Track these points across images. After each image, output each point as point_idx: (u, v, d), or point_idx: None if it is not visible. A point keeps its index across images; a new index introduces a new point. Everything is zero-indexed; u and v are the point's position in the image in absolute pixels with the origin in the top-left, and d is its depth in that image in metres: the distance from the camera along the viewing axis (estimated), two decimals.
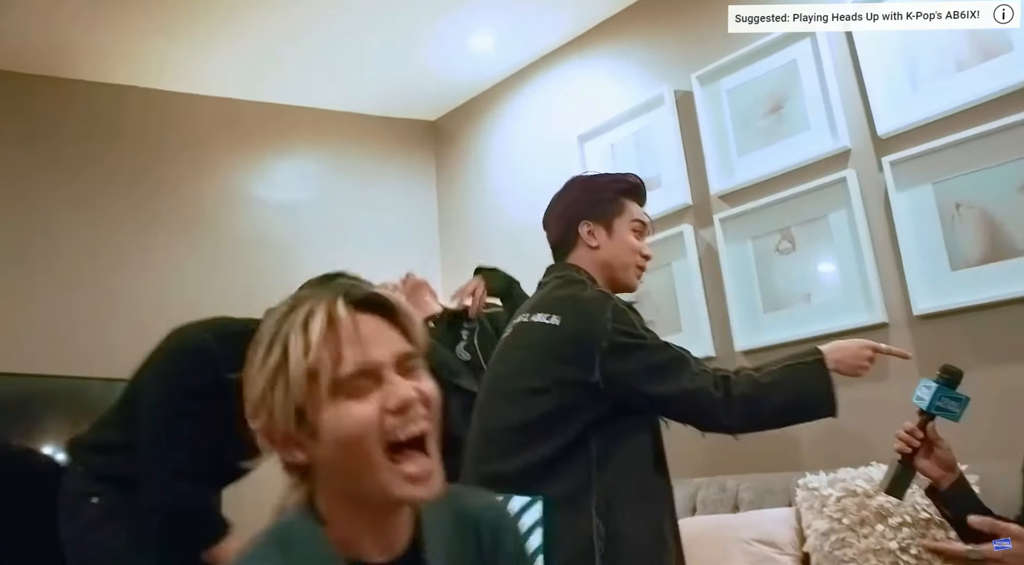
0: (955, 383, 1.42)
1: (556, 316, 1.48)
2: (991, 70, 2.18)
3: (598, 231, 1.61)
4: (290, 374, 0.76)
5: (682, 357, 1.46)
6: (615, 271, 1.61)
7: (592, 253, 1.61)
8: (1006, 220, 2.13)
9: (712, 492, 2.47)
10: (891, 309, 2.34)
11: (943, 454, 1.47)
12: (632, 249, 1.62)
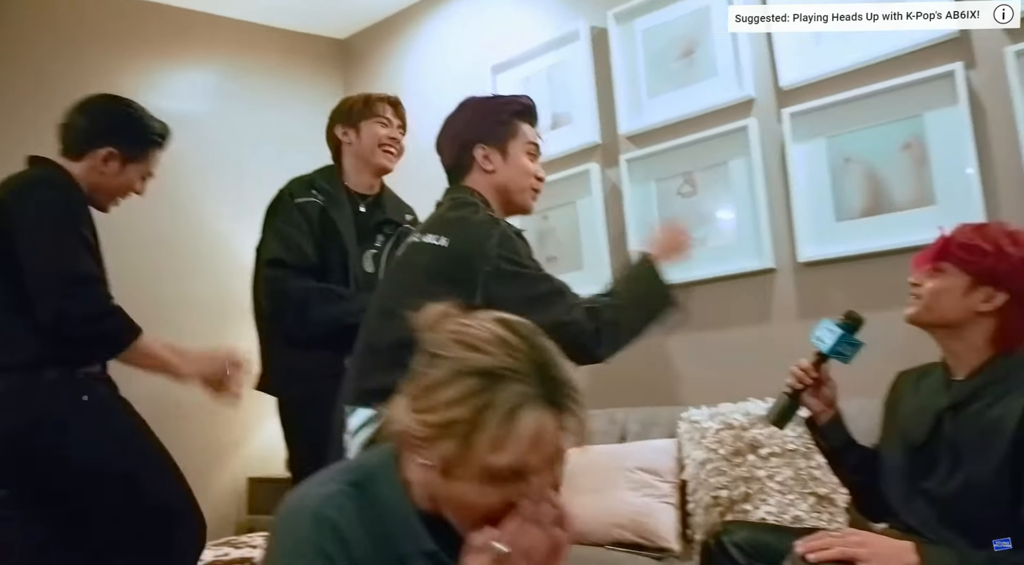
0: (857, 329, 1.52)
1: (445, 238, 1.50)
2: (886, 32, 2.26)
3: (493, 155, 1.61)
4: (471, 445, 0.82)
5: (561, 290, 1.51)
6: (511, 195, 1.64)
7: (487, 177, 1.62)
8: (888, 177, 2.26)
9: (602, 423, 2.58)
10: (779, 255, 2.46)
11: (829, 392, 1.58)
12: (527, 172, 1.64)
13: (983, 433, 1.33)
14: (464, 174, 1.64)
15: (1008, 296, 1.36)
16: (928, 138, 2.19)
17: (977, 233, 1.40)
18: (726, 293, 2.57)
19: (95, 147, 1.79)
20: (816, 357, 1.55)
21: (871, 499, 1.57)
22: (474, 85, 3.25)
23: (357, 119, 2.15)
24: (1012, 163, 2.05)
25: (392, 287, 1.59)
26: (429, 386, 0.86)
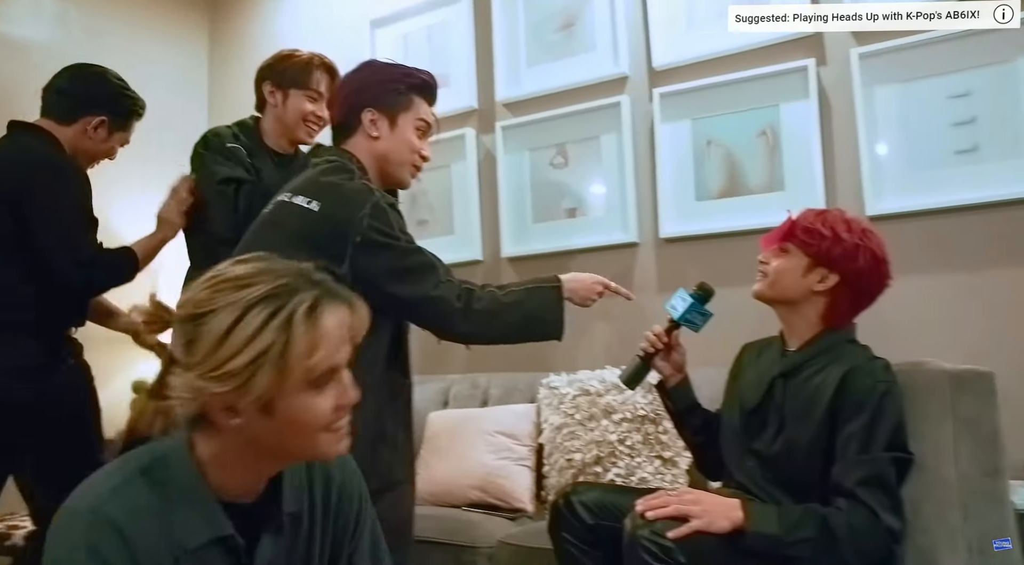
0: (706, 299, 1.62)
1: (316, 202, 1.46)
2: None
3: (381, 122, 1.58)
4: (287, 362, 0.83)
5: (431, 264, 1.51)
6: (390, 166, 1.61)
7: (371, 143, 1.59)
8: (744, 161, 2.39)
9: (465, 388, 2.61)
10: (642, 231, 2.56)
11: (678, 358, 1.69)
12: (411, 148, 1.61)
13: (805, 400, 1.46)
14: (349, 135, 1.60)
15: (839, 277, 1.49)
16: (781, 127, 2.33)
17: (819, 218, 1.52)
18: (592, 264, 2.63)
19: (88, 114, 1.91)
20: (668, 324, 1.64)
21: (710, 460, 1.69)
22: (351, 39, 3.14)
23: (288, 85, 2.02)
24: (850, 155, 2.22)
25: (253, 245, 1.50)
26: (216, 339, 0.83)
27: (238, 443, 0.89)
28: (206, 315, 0.84)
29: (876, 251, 1.49)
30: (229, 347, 0.83)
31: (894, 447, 1.36)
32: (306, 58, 2.07)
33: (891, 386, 1.39)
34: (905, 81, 2.16)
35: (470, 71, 2.89)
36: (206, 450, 0.90)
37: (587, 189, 2.68)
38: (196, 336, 0.85)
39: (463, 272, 2.83)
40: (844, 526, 1.30)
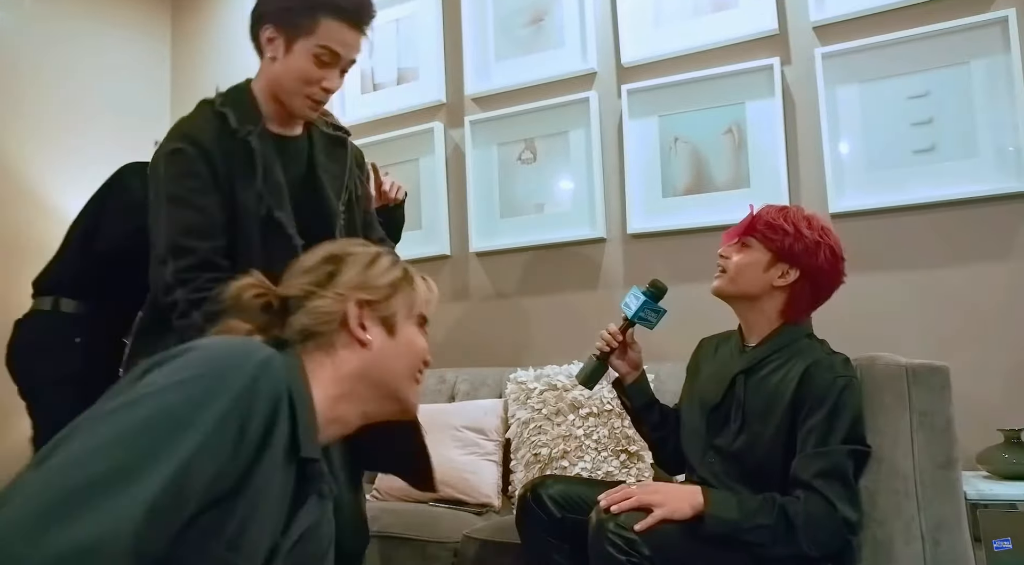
0: (659, 297, 1.63)
1: None
2: (718, 22, 2.41)
3: (278, 42, 1.41)
4: (413, 293, 1.05)
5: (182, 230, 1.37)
6: (281, 94, 1.44)
7: (270, 66, 1.44)
8: (710, 158, 2.42)
9: (432, 383, 2.60)
10: (610, 226, 2.57)
11: (634, 355, 1.70)
12: (304, 77, 1.41)
13: (767, 396, 1.48)
14: (258, 52, 1.47)
15: (800, 273, 1.51)
16: (747, 125, 2.36)
17: (781, 214, 1.54)
18: (558, 259, 2.66)
19: None
20: (623, 322, 1.65)
21: (669, 454, 1.71)
22: None
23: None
24: (814, 153, 2.26)
25: None
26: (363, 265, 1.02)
27: (351, 369, 0.98)
28: (345, 257, 1.02)
29: (835, 248, 1.53)
30: (377, 269, 1.02)
31: (852, 440, 1.39)
32: None
33: (851, 380, 1.42)
34: (866, 81, 2.20)
35: (438, 65, 2.87)
36: (315, 376, 0.96)
37: (555, 184, 2.69)
38: (338, 269, 1.01)
39: (432, 267, 2.83)
40: (801, 515, 1.33)
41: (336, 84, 1.45)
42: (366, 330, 0.99)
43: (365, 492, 1.68)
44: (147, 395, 0.74)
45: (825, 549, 1.35)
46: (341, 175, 1.55)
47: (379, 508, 2.16)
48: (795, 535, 1.32)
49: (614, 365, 1.69)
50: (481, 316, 2.80)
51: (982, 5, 2.07)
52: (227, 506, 0.78)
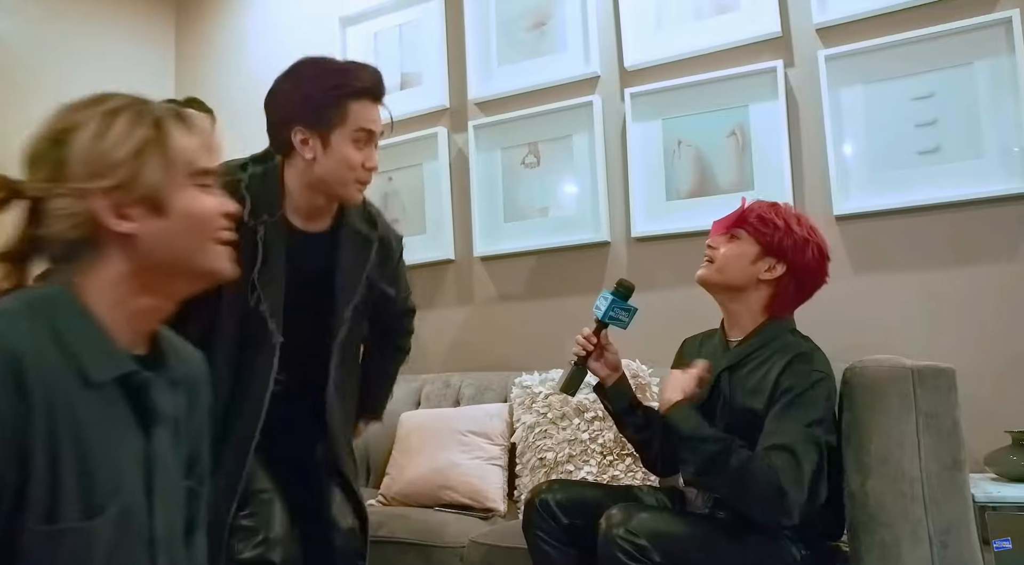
0: (627, 296, 1.62)
1: None
2: (720, 25, 2.41)
3: (313, 141, 1.42)
4: (169, 152, 0.86)
5: None
6: (331, 188, 1.46)
7: (306, 164, 1.44)
8: (714, 161, 2.42)
9: (437, 387, 2.60)
10: (614, 230, 2.57)
11: (611, 357, 1.69)
12: (350, 165, 1.44)
13: (750, 390, 1.49)
14: (284, 153, 1.48)
15: (786, 268, 1.52)
16: (751, 128, 2.36)
17: (772, 209, 1.56)
18: (563, 263, 2.66)
19: None
20: (596, 324, 1.64)
21: (655, 456, 1.70)
22: (321, 37, 3.12)
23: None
24: (818, 155, 2.26)
25: None
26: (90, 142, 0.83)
27: (130, 266, 0.86)
28: (69, 132, 0.83)
29: (822, 247, 1.55)
30: (108, 142, 0.83)
31: (815, 431, 1.38)
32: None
33: (824, 377, 1.43)
34: (870, 82, 2.20)
35: (442, 70, 2.88)
36: (93, 288, 0.86)
37: (559, 188, 2.69)
38: (65, 155, 0.83)
39: (436, 271, 2.84)
40: (743, 463, 1.34)
41: (376, 160, 1.48)
42: (128, 219, 0.84)
43: (364, 497, 1.68)
44: None
45: (745, 505, 1.36)
46: (359, 274, 1.55)
47: (385, 513, 2.16)
48: (724, 474, 1.35)
49: (593, 369, 1.68)
50: (485, 320, 2.80)
51: (986, 6, 2.07)
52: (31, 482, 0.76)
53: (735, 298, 1.56)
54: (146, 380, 0.88)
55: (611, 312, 1.61)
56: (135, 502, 0.86)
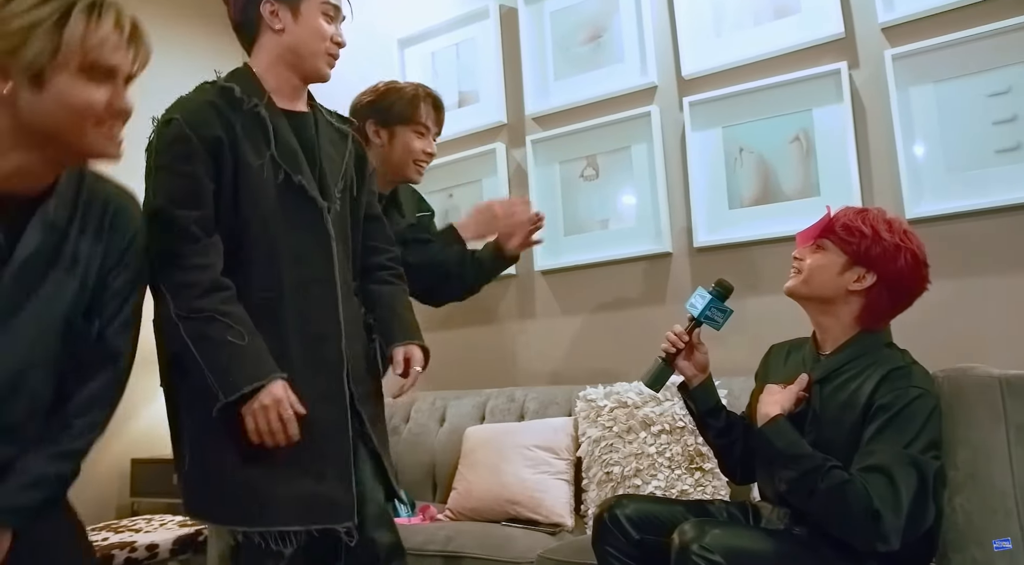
0: (726, 296, 1.60)
1: None
2: (780, 29, 2.37)
3: (283, 12, 1.47)
4: (62, 36, 0.95)
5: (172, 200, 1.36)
6: (302, 59, 1.50)
7: (275, 38, 1.48)
8: (777, 167, 2.37)
9: (501, 402, 2.61)
10: (675, 240, 2.54)
11: (701, 357, 1.66)
12: (321, 34, 1.49)
13: (842, 405, 1.43)
14: (253, 35, 1.50)
15: (877, 277, 1.46)
16: (815, 132, 2.30)
17: (859, 216, 1.50)
18: (625, 275, 2.64)
19: None
20: (689, 322, 1.62)
21: (735, 462, 1.67)
22: (380, 58, 3.19)
23: (395, 121, 1.96)
24: (887, 158, 2.19)
25: None
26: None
27: (12, 119, 1.01)
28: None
29: (916, 253, 1.46)
30: (8, 11, 0.95)
31: (913, 451, 1.31)
32: (411, 91, 1.98)
33: (924, 394, 1.36)
34: (941, 81, 2.12)
35: (499, 86, 2.91)
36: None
37: (619, 200, 2.67)
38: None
39: (498, 286, 2.85)
40: (835, 483, 1.30)
41: (344, 38, 1.54)
42: (6, 81, 0.98)
43: (411, 505, 1.66)
44: None
45: (839, 528, 1.31)
46: (340, 162, 1.55)
47: (452, 528, 2.17)
48: (817, 494, 1.32)
49: (680, 367, 1.66)
50: (548, 334, 2.80)
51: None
52: None
53: (825, 310, 1.51)
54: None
55: (707, 311, 1.59)
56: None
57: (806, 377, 1.49)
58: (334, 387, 1.44)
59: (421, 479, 2.62)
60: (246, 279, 1.37)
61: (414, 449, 2.65)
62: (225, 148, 1.37)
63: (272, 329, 1.37)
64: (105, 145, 1.08)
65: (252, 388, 1.28)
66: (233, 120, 1.39)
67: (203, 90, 1.44)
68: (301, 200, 1.43)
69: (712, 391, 1.68)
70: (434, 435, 2.66)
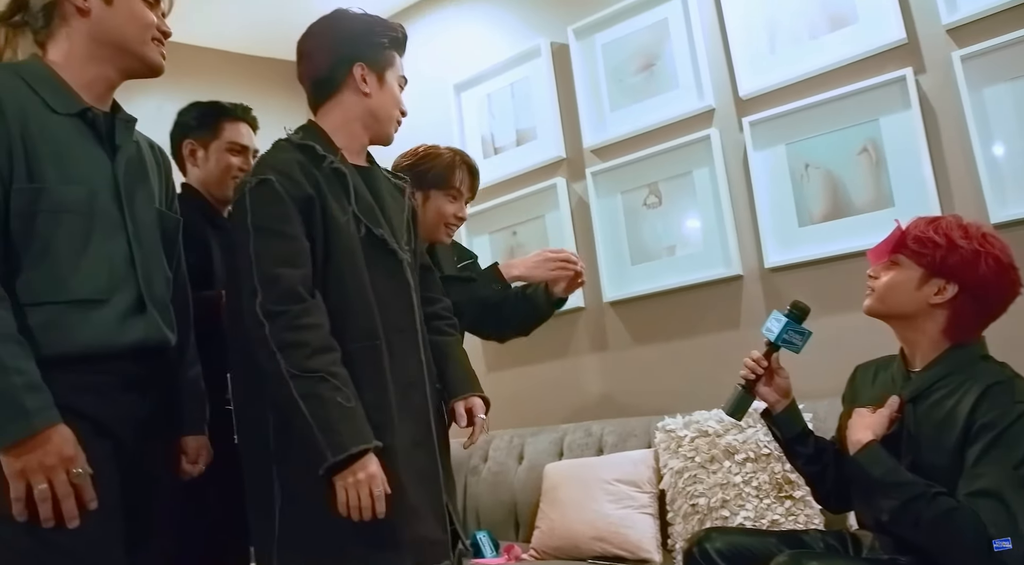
0: (802, 318, 1.55)
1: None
2: (838, 40, 2.32)
3: (371, 78, 1.53)
4: None
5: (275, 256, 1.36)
6: (379, 123, 1.56)
7: (359, 100, 1.53)
8: (846, 181, 2.30)
9: (578, 437, 2.58)
10: (745, 262, 2.49)
11: (782, 382, 1.61)
12: (397, 104, 1.58)
13: (938, 424, 1.35)
14: (332, 90, 1.53)
15: (959, 287, 1.38)
16: (884, 142, 2.24)
17: (931, 226, 1.43)
18: (695, 301, 2.60)
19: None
20: (766, 347, 1.58)
21: (828, 490, 1.59)
22: (436, 103, 3.27)
23: (429, 186, 1.99)
24: (963, 162, 2.10)
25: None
26: None
27: (85, 39, 1.25)
28: None
29: (1000, 257, 1.38)
30: None
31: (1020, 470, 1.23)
32: (448, 157, 2.02)
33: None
34: (1018, 78, 2.03)
35: (555, 122, 2.94)
36: (58, 55, 1.26)
37: (683, 226, 2.64)
38: None
39: (566, 320, 2.85)
40: (941, 511, 1.24)
41: (406, 106, 1.63)
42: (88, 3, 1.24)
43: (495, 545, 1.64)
44: None
45: (950, 559, 1.24)
46: (401, 215, 1.59)
47: None
48: (922, 524, 1.26)
49: (761, 394, 1.61)
50: (621, 366, 2.76)
51: None
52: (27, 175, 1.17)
53: (908, 326, 1.44)
54: (100, 118, 1.27)
55: (784, 334, 1.54)
56: (105, 200, 1.24)
57: (897, 399, 1.42)
58: (423, 432, 1.46)
59: (503, 518, 2.61)
60: (343, 329, 1.39)
61: (494, 488, 2.64)
62: (316, 206, 1.41)
63: (373, 377, 1.39)
64: (159, 58, 1.32)
65: (359, 450, 1.29)
66: (318, 177, 1.44)
67: (283, 148, 1.48)
68: (383, 252, 1.47)
69: (797, 416, 1.62)
70: (513, 473, 2.65)
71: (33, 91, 1.22)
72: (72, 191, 1.21)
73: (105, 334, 1.21)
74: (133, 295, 1.26)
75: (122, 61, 1.31)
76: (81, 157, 1.25)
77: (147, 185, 1.37)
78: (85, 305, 1.19)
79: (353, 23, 1.55)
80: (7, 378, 1.08)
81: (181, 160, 1.98)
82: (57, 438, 1.10)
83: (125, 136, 1.34)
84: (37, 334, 1.15)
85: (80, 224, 1.21)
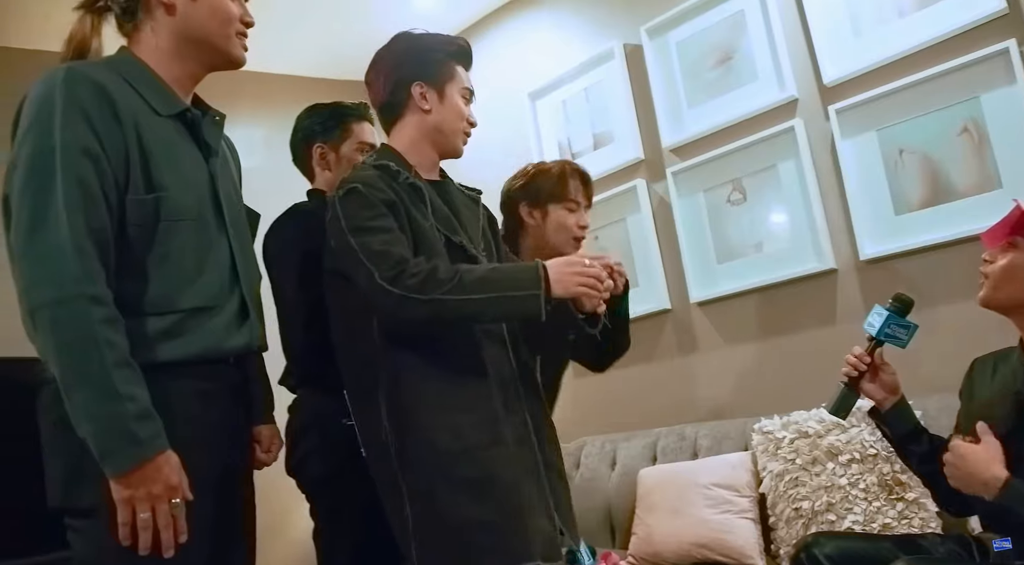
0: (906, 311, 1.48)
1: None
2: (929, 17, 2.21)
3: (430, 94, 1.57)
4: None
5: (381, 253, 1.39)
6: (444, 136, 1.59)
7: (422, 117, 1.57)
8: (946, 164, 2.19)
9: (672, 441, 2.54)
10: (839, 255, 2.39)
11: (888, 378, 1.54)
12: (461, 115, 1.60)
13: None
14: (398, 114, 1.59)
15: None
16: (986, 120, 2.11)
17: None
18: (787, 298, 2.51)
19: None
20: (869, 343, 1.52)
21: (947, 492, 1.49)
22: (512, 112, 3.30)
23: (546, 201, 1.97)
24: None
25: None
26: None
27: (171, 35, 1.25)
28: None
29: None
30: None
31: None
32: (557, 169, 2.01)
33: None
34: None
35: (632, 123, 2.91)
36: (145, 50, 1.25)
37: (770, 221, 2.57)
38: None
39: (654, 323, 2.81)
40: None
41: (476, 119, 1.66)
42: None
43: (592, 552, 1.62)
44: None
45: None
46: (477, 224, 1.63)
47: None
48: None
49: (866, 391, 1.55)
50: (712, 367, 2.70)
51: None
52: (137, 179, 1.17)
53: None
54: (198, 118, 1.28)
55: (886, 329, 1.49)
56: (207, 204, 1.25)
57: (985, 426, 1.33)
58: (522, 430, 1.49)
59: (598, 525, 2.58)
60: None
61: (588, 495, 2.63)
62: (401, 210, 1.46)
63: (480, 372, 1.45)
64: (242, 52, 1.31)
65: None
66: (397, 189, 1.49)
67: (362, 168, 1.54)
68: (463, 258, 1.50)
69: (908, 413, 1.55)
70: (607, 479, 2.63)
71: (136, 92, 1.20)
72: (186, 197, 1.21)
73: (215, 341, 1.22)
74: (238, 301, 1.28)
75: (206, 56, 1.30)
76: (186, 160, 1.25)
77: (234, 183, 1.39)
78: (203, 313, 1.21)
79: (409, 44, 1.60)
80: (121, 406, 1.07)
81: (308, 165, 2.01)
82: (166, 467, 1.10)
83: (216, 135, 1.33)
84: (156, 341, 1.16)
85: (194, 231, 1.22)
